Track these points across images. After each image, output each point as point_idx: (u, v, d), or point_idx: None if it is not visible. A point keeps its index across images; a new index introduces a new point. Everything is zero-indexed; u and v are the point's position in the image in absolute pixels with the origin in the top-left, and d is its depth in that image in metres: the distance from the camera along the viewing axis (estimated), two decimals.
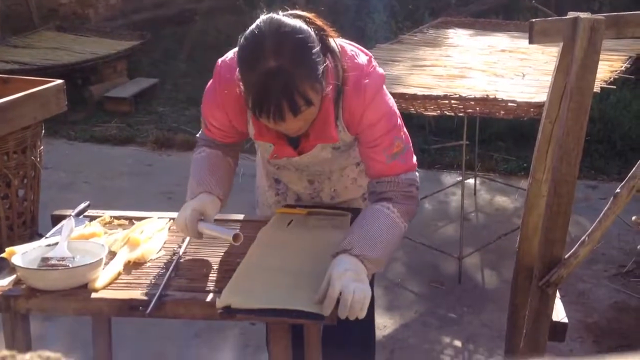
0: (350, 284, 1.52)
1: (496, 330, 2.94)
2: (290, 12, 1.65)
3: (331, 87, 1.65)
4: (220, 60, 1.81)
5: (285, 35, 1.55)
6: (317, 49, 1.59)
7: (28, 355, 0.53)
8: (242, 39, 1.60)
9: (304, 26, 1.59)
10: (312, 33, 1.60)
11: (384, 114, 1.73)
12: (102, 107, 5.98)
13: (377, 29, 7.06)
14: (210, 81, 1.82)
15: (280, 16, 1.60)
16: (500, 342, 2.54)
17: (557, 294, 1.93)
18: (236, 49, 1.68)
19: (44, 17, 7.31)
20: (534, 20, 1.71)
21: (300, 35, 1.56)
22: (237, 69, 1.62)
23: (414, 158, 1.82)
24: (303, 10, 1.69)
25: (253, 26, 1.59)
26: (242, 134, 1.88)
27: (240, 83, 1.61)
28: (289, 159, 1.86)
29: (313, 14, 1.69)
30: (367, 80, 1.70)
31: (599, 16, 1.69)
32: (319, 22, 1.68)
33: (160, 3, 8.51)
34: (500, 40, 4.15)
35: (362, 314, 1.52)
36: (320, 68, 1.58)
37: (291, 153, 1.82)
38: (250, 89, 1.57)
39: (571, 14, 1.72)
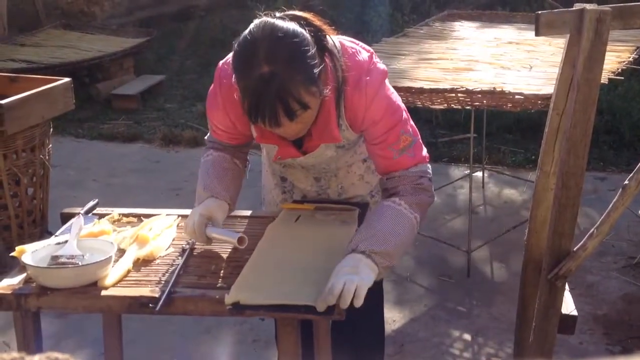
0: (342, 277, 1.51)
1: (505, 323, 2.94)
2: (286, 13, 1.64)
3: (330, 87, 1.64)
4: (220, 63, 1.80)
5: (278, 39, 1.54)
6: (312, 51, 1.58)
7: (37, 357, 0.53)
8: (236, 44, 1.60)
9: (298, 29, 1.58)
10: (307, 35, 1.59)
11: (386, 109, 1.72)
12: (109, 104, 6.00)
13: (382, 22, 7.04)
14: (212, 85, 1.82)
15: (274, 20, 1.59)
16: (510, 335, 2.54)
17: (566, 287, 1.93)
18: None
19: (50, 16, 7.33)
20: (540, 12, 1.70)
21: (294, 39, 1.55)
22: (232, 74, 1.62)
23: (424, 150, 1.79)
24: (303, 9, 1.68)
25: (246, 31, 1.59)
26: (247, 135, 1.88)
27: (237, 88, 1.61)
28: (294, 158, 1.86)
29: (311, 14, 1.67)
30: (368, 78, 1.69)
31: (605, 7, 1.68)
32: (317, 22, 1.66)
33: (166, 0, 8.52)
34: (507, 33, 4.13)
35: (358, 302, 1.50)
36: (316, 71, 1.57)
37: (295, 154, 1.82)
38: (245, 95, 1.56)
39: (577, 6, 1.71)
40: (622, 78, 3.19)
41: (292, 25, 1.58)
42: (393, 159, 1.74)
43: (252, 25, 1.59)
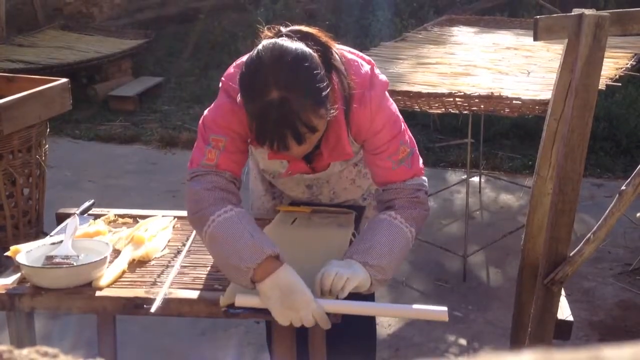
0: (333, 268, 1.53)
1: (501, 329, 2.93)
2: (291, 29, 1.61)
3: (337, 106, 1.62)
4: (223, 77, 1.73)
5: (287, 65, 1.51)
6: (321, 73, 1.55)
7: (26, 351, 0.52)
8: (244, 66, 1.56)
9: (307, 50, 1.55)
10: (316, 56, 1.56)
11: (388, 120, 1.72)
12: (107, 105, 5.99)
13: (381, 27, 7.05)
14: (219, 100, 1.72)
15: (283, 42, 1.54)
16: (506, 340, 2.54)
17: (562, 292, 1.92)
18: (238, 61, 1.67)
19: (49, 16, 7.32)
20: (538, 17, 1.70)
21: (303, 64, 1.52)
22: (239, 95, 1.58)
23: (420, 162, 1.79)
24: (307, 23, 1.65)
25: (254, 53, 1.55)
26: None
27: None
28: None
29: (317, 29, 1.65)
30: (372, 92, 1.69)
31: (604, 13, 1.68)
32: (323, 37, 1.63)
33: (165, 2, 8.52)
34: (505, 38, 4.14)
35: (342, 295, 1.52)
36: (324, 93, 1.55)
37: (305, 169, 1.81)
38: (253, 119, 1.54)
39: (576, 11, 1.71)
40: (620, 84, 3.19)
41: (301, 47, 1.55)
42: (391, 170, 1.73)
43: (260, 47, 1.55)
